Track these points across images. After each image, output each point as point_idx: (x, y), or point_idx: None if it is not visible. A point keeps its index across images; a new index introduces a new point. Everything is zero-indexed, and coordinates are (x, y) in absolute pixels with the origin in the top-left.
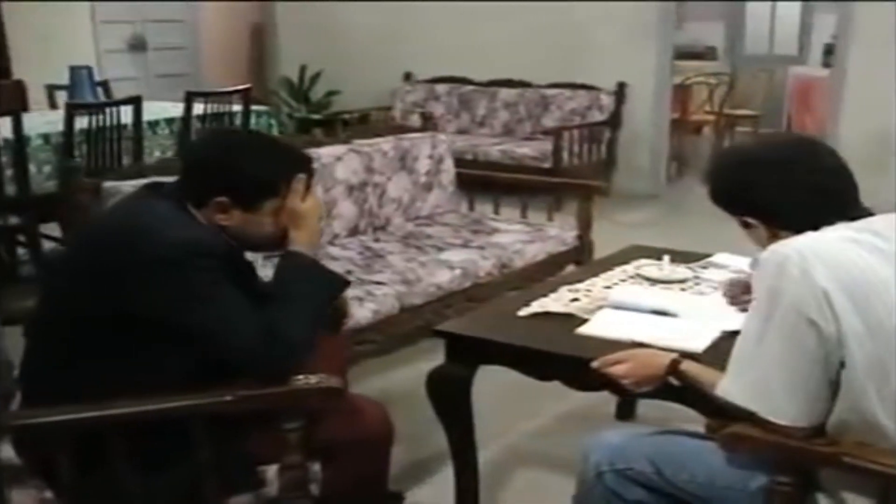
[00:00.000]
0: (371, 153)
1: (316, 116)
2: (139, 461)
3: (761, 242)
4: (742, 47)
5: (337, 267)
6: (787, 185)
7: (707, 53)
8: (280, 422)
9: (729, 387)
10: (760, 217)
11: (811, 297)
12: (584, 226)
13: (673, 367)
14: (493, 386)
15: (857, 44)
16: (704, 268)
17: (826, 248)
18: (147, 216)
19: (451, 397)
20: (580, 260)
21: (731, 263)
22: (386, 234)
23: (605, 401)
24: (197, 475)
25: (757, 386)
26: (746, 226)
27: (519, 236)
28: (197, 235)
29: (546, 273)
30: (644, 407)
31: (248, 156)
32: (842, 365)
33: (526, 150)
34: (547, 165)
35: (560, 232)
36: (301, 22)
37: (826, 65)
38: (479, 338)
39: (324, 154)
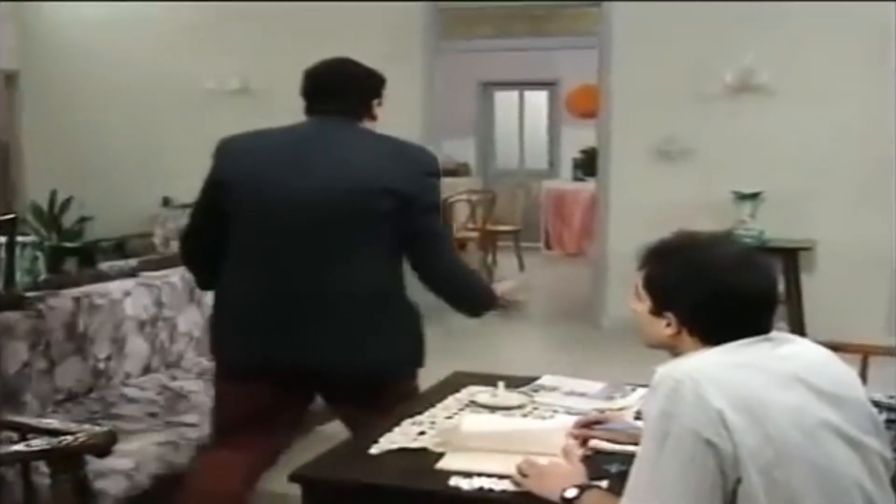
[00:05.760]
0: (160, 286)
1: (69, 245)
2: None
3: (659, 335)
4: (494, 163)
5: (137, 410)
6: (714, 295)
7: (460, 170)
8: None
9: None
10: (681, 320)
11: (706, 418)
12: None
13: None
14: None
15: (616, 157)
16: (535, 391)
17: (715, 370)
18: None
19: None
20: None
21: (561, 385)
22: (181, 371)
23: None
24: None
25: None
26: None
27: None
28: None
29: None
30: None
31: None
32: (738, 482)
33: None
34: None
35: None
36: (48, 143)
37: (576, 178)
38: (346, 479)
39: (112, 289)
